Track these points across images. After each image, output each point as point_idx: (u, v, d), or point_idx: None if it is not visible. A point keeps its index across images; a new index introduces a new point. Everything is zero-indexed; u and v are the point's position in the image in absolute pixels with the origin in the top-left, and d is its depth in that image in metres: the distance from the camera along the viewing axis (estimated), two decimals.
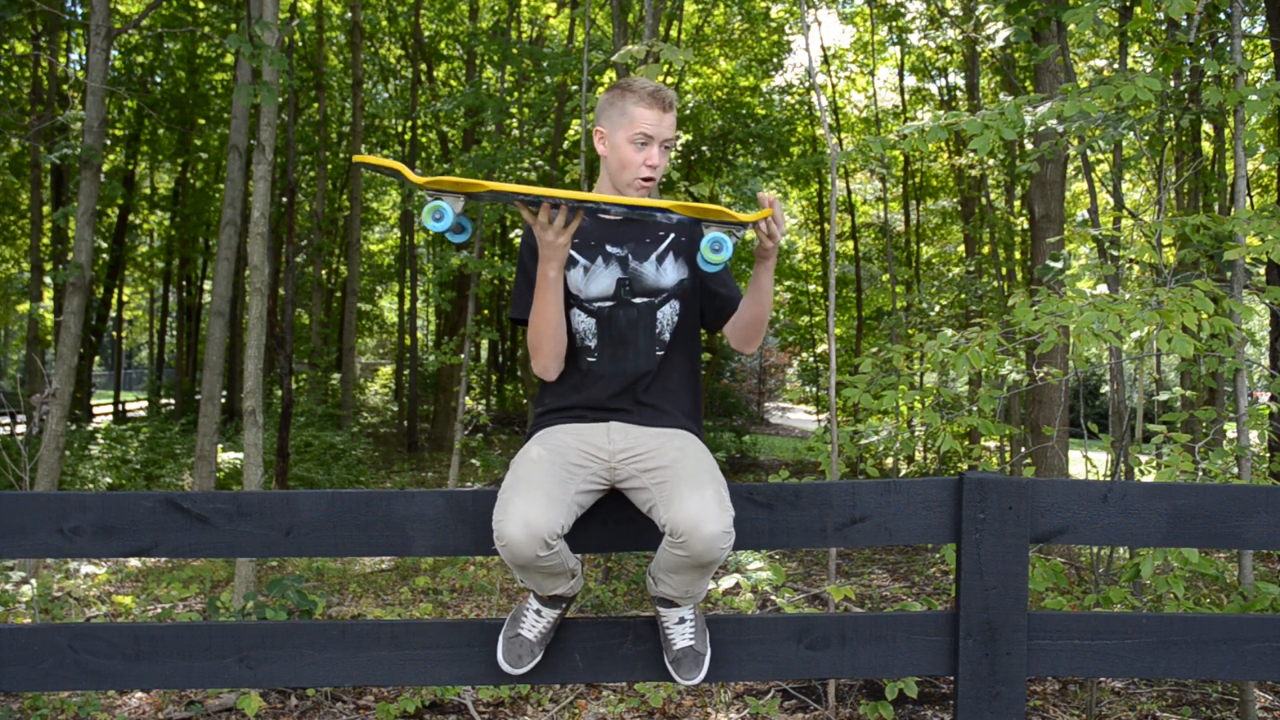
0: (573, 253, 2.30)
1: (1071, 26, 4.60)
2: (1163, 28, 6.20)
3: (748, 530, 2.29)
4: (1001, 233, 12.10)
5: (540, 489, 2.04)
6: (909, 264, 15.47)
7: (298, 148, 16.35)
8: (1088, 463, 5.31)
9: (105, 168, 17.06)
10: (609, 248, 2.30)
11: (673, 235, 2.33)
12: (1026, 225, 10.98)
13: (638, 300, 2.28)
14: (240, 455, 7.48)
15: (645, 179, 2.26)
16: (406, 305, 20.10)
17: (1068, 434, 7.73)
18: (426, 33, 17.00)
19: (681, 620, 2.23)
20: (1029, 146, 8.05)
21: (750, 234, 2.11)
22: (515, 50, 11.76)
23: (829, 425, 4.16)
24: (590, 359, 2.28)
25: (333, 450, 13.42)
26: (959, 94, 14.19)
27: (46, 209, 14.88)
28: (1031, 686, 4.70)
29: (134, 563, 7.86)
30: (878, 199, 17.42)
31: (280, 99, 7.31)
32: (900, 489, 2.30)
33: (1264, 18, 7.82)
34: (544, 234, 2.06)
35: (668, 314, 2.30)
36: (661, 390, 2.29)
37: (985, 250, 12.96)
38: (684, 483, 2.04)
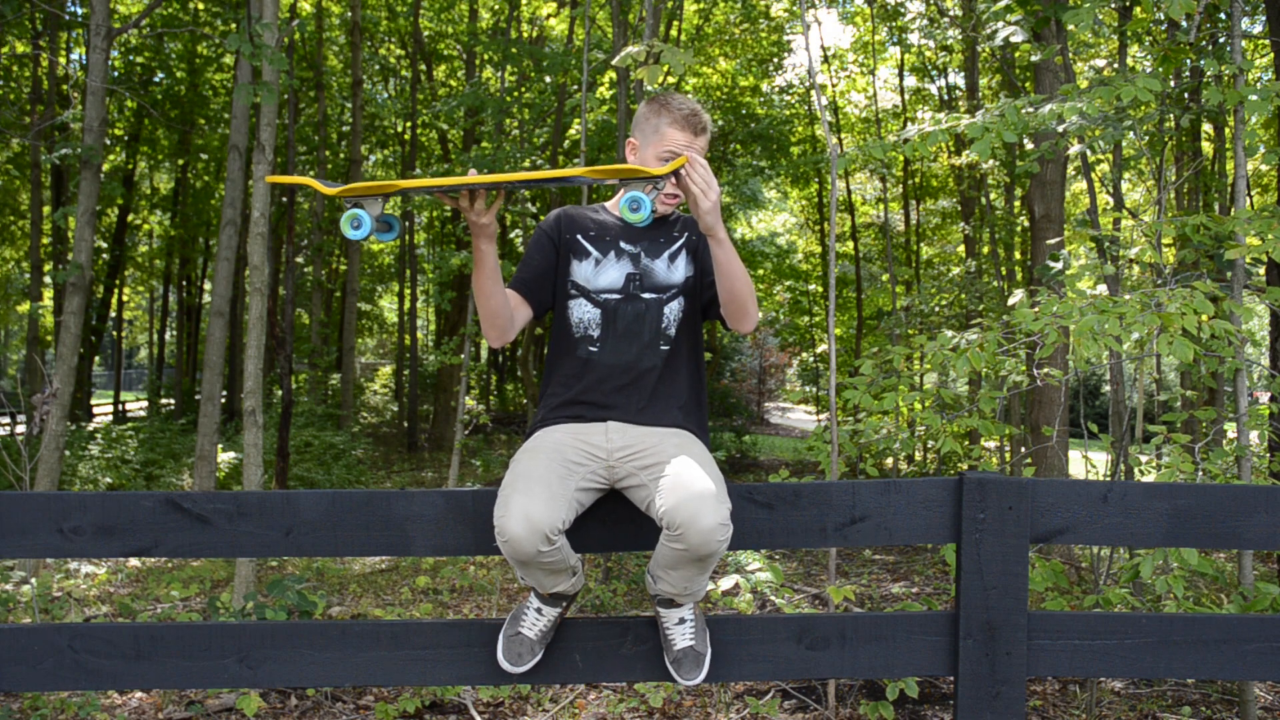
0: (585, 244, 2.35)
1: (1071, 27, 4.60)
2: (1163, 28, 6.20)
3: (748, 530, 2.29)
4: (1001, 233, 12.10)
5: (540, 485, 2.05)
6: (909, 264, 15.47)
7: (298, 148, 16.35)
8: (1088, 463, 5.31)
9: (105, 168, 17.07)
10: (623, 244, 2.35)
11: (687, 234, 2.38)
12: (1026, 225, 10.98)
13: (646, 295, 2.32)
14: (240, 455, 7.48)
15: (668, 195, 2.30)
16: (406, 305, 20.10)
17: (1068, 434, 7.73)
18: (426, 32, 17.00)
19: (682, 620, 2.23)
20: (1029, 146, 8.05)
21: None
22: (515, 50, 11.76)
23: (829, 425, 4.16)
24: (592, 348, 2.30)
25: (333, 450, 13.42)
26: (959, 94, 14.18)
27: (46, 209, 14.87)
28: (1031, 686, 4.70)
29: (134, 563, 7.86)
30: (878, 199, 17.43)
31: (280, 99, 7.31)
32: (900, 489, 2.30)
33: (1264, 17, 7.82)
34: (468, 215, 2.12)
35: (674, 310, 2.33)
36: (665, 386, 2.31)
37: (985, 250, 12.96)
38: (681, 476, 2.05)
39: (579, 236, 2.36)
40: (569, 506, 2.08)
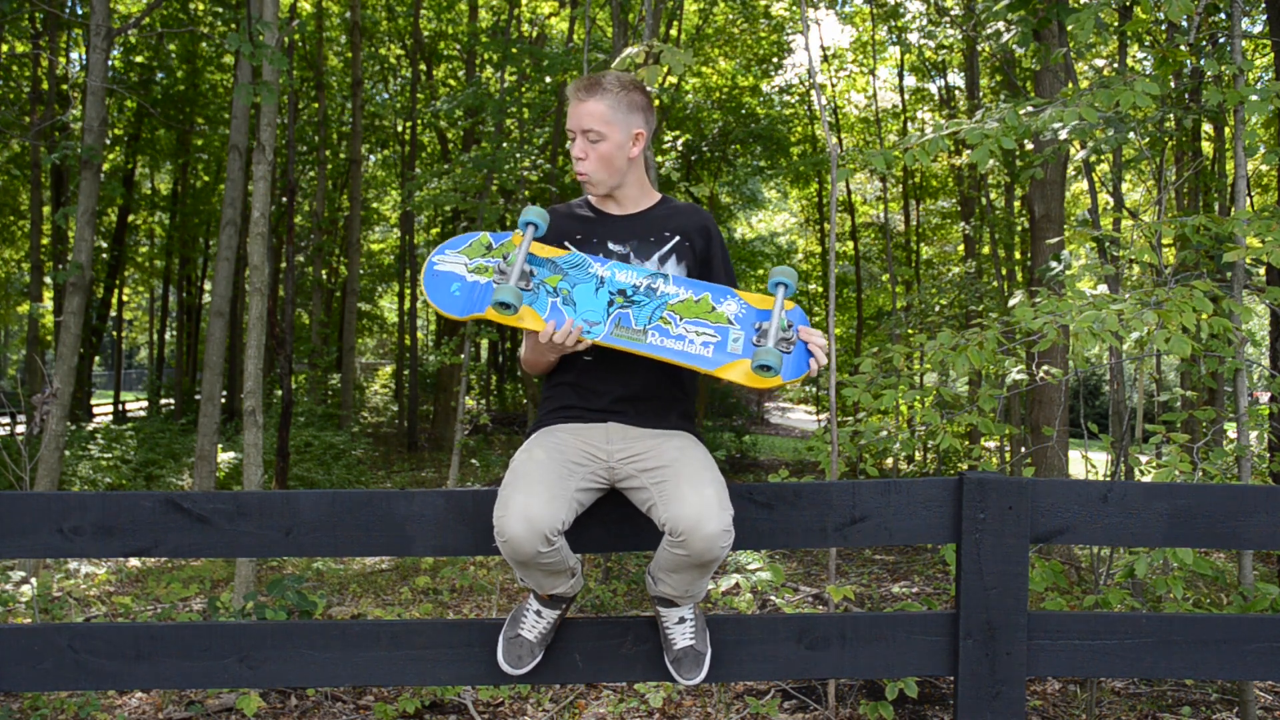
0: (573, 248, 2.30)
1: (1071, 28, 4.59)
2: (1162, 28, 6.19)
3: (748, 530, 2.29)
4: (1001, 233, 12.10)
5: (541, 484, 2.03)
6: (909, 264, 15.48)
7: (298, 148, 16.35)
8: (1087, 463, 5.30)
9: (105, 168, 17.06)
10: (611, 245, 2.28)
11: (678, 238, 2.30)
12: (1026, 225, 10.98)
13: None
14: (240, 455, 7.48)
15: (579, 173, 2.27)
16: (406, 305, 20.10)
17: (1068, 434, 7.73)
18: (426, 32, 17.01)
19: (682, 620, 2.23)
20: (1029, 147, 8.06)
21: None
22: (515, 50, 11.76)
23: (829, 425, 4.16)
24: (587, 358, 2.27)
25: (333, 450, 13.42)
26: (958, 93, 14.18)
27: (46, 209, 14.88)
28: (1031, 686, 4.70)
29: (134, 563, 7.86)
30: (878, 199, 17.43)
31: (280, 99, 7.31)
32: (900, 489, 2.30)
33: (1264, 17, 7.81)
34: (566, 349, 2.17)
35: None
36: (664, 390, 2.28)
37: (985, 250, 12.96)
38: (683, 481, 2.04)
39: (565, 243, 2.29)
40: (569, 507, 2.06)
